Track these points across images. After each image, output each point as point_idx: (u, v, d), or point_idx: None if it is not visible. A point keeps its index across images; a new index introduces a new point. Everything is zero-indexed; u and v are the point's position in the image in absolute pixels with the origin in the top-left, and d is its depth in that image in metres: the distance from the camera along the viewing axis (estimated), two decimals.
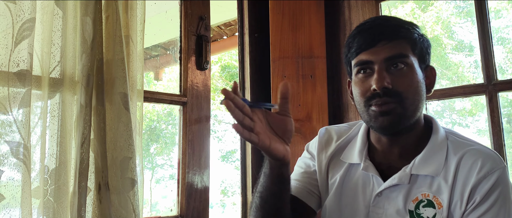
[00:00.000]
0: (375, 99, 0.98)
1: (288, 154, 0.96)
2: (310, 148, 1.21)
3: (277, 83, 1.80)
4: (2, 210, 1.07)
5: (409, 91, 0.98)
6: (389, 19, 1.06)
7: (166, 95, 1.67)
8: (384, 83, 0.97)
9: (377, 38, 1.00)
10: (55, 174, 1.17)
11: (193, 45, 1.74)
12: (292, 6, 1.85)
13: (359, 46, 1.02)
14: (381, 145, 1.07)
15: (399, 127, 1.00)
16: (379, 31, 1.01)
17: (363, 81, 1.02)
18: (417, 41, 1.02)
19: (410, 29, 1.02)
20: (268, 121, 0.95)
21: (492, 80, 1.54)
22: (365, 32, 1.02)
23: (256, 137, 0.90)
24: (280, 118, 0.95)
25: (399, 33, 1.01)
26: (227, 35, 4.01)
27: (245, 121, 0.89)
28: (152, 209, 6.85)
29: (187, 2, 1.75)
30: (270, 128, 0.95)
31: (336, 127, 1.21)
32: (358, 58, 1.02)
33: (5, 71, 1.08)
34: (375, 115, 0.99)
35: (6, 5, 1.10)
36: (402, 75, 0.99)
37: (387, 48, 0.99)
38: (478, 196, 0.94)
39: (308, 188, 1.15)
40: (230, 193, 8.88)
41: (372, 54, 1.00)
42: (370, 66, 1.00)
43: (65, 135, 1.20)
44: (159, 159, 7.82)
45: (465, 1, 5.37)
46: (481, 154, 0.98)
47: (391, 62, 0.99)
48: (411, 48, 1.01)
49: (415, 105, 1.00)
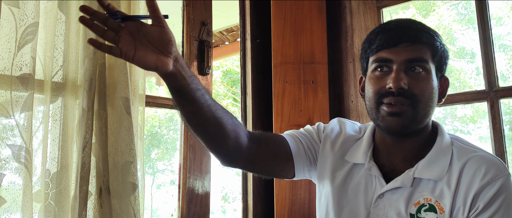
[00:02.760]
0: (388, 97, 0.98)
1: (164, 65, 0.90)
2: (322, 127, 1.19)
3: (279, 89, 1.80)
4: (3, 213, 1.06)
5: (424, 96, 0.98)
6: (414, 23, 1.05)
7: (168, 100, 1.68)
8: (401, 83, 0.97)
9: (400, 39, 1.00)
10: (57, 178, 1.17)
11: (195, 50, 1.74)
12: (294, 12, 1.85)
13: (381, 44, 1.02)
14: (386, 147, 1.07)
15: (407, 130, 1.00)
16: (403, 32, 1.01)
17: (379, 79, 1.01)
18: (438, 49, 1.02)
19: (433, 36, 1.03)
20: (144, 35, 0.90)
21: (494, 87, 1.54)
22: (389, 31, 1.02)
23: (118, 50, 0.87)
24: (155, 28, 0.89)
25: (422, 38, 1.01)
26: (229, 40, 4.02)
27: (107, 34, 0.87)
28: (153, 215, 6.83)
29: (190, 8, 1.75)
30: (147, 41, 0.90)
31: (350, 123, 1.20)
32: (378, 55, 1.02)
33: (8, 75, 1.09)
34: (385, 114, 0.99)
35: (10, 9, 1.10)
36: (419, 79, 0.99)
37: (409, 50, 0.99)
38: (481, 203, 0.94)
39: (304, 146, 1.14)
40: (231, 199, 8.86)
41: (393, 53, 1.00)
42: (388, 65, 1.00)
43: (66, 139, 1.20)
44: (160, 164, 7.81)
45: (467, 8, 5.38)
46: (485, 161, 0.97)
47: (410, 65, 0.99)
48: (431, 55, 1.01)
49: (426, 110, 1.00)
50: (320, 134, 1.17)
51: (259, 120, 1.89)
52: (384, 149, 1.08)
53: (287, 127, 1.75)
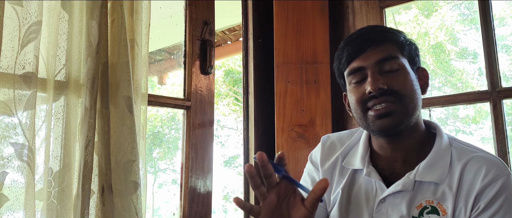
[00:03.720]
0: (372, 101, 0.99)
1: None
2: (313, 158, 1.21)
3: (281, 89, 1.80)
4: (6, 212, 1.07)
5: (406, 89, 0.99)
6: (374, 27, 1.09)
7: (170, 99, 1.68)
8: (379, 84, 0.98)
9: (365, 44, 1.02)
10: (59, 176, 1.17)
11: (197, 50, 1.75)
12: (296, 12, 1.86)
13: (349, 55, 1.04)
14: (383, 151, 1.07)
15: (400, 126, 0.99)
16: (365, 38, 1.04)
17: (358, 88, 1.03)
18: (404, 44, 1.04)
19: (395, 33, 1.05)
20: (288, 204, 0.91)
21: (496, 87, 1.54)
22: (353, 41, 1.05)
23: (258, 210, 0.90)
24: (302, 210, 0.89)
25: (386, 37, 1.03)
26: (231, 40, 4.03)
27: (261, 189, 0.90)
28: (154, 214, 6.85)
29: (192, 7, 1.76)
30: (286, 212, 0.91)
31: (337, 134, 1.21)
32: (350, 67, 1.04)
33: (11, 73, 1.09)
34: (373, 118, 0.99)
35: (13, 8, 1.10)
36: (395, 76, 1.00)
37: (377, 52, 1.01)
38: (483, 203, 0.94)
39: None
40: (232, 198, 8.86)
41: (363, 60, 1.01)
42: (362, 72, 1.02)
43: (69, 137, 1.20)
44: (161, 163, 7.83)
45: (470, 9, 5.37)
46: (486, 161, 0.97)
47: (382, 65, 1.00)
48: (399, 50, 1.03)
49: (414, 103, 1.00)
50: (317, 168, 1.18)
51: (261, 119, 1.89)
52: (382, 152, 1.08)
53: (289, 126, 1.76)
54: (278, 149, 1.75)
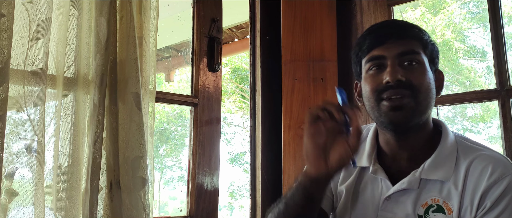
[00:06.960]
0: (388, 91, 0.98)
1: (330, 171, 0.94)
2: None
3: (288, 86, 1.80)
4: (16, 206, 1.08)
5: (423, 86, 0.98)
6: (399, 21, 1.08)
7: (177, 96, 1.69)
8: (398, 75, 0.97)
9: (389, 35, 1.01)
10: (68, 171, 1.18)
11: (205, 47, 1.75)
12: (304, 9, 1.85)
13: (371, 43, 1.03)
14: (390, 148, 1.07)
15: (411, 122, 0.99)
16: (390, 29, 1.03)
17: (375, 76, 1.01)
18: (428, 43, 1.04)
19: (421, 30, 1.04)
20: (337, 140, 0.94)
21: (505, 86, 1.53)
22: (377, 30, 1.04)
23: None
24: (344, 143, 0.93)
25: (410, 32, 1.03)
26: (238, 37, 4.03)
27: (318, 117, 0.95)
28: (161, 211, 6.88)
29: (200, 4, 1.76)
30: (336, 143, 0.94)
31: None
32: (370, 54, 1.03)
33: (21, 69, 1.10)
34: (386, 109, 0.98)
35: (23, 5, 1.12)
36: (415, 71, 0.99)
37: (399, 44, 1.00)
38: (489, 202, 0.93)
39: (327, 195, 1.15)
40: (238, 195, 8.88)
41: (385, 49, 1.00)
42: (382, 61, 1.01)
43: (78, 133, 1.21)
44: (168, 160, 7.86)
45: (478, 7, 5.33)
46: (492, 159, 0.97)
47: (403, 58, 0.99)
48: (422, 47, 1.02)
49: (427, 101, 0.99)
50: None
51: (268, 117, 1.89)
52: (388, 150, 1.07)
53: (296, 124, 1.76)
54: (285, 147, 1.75)
